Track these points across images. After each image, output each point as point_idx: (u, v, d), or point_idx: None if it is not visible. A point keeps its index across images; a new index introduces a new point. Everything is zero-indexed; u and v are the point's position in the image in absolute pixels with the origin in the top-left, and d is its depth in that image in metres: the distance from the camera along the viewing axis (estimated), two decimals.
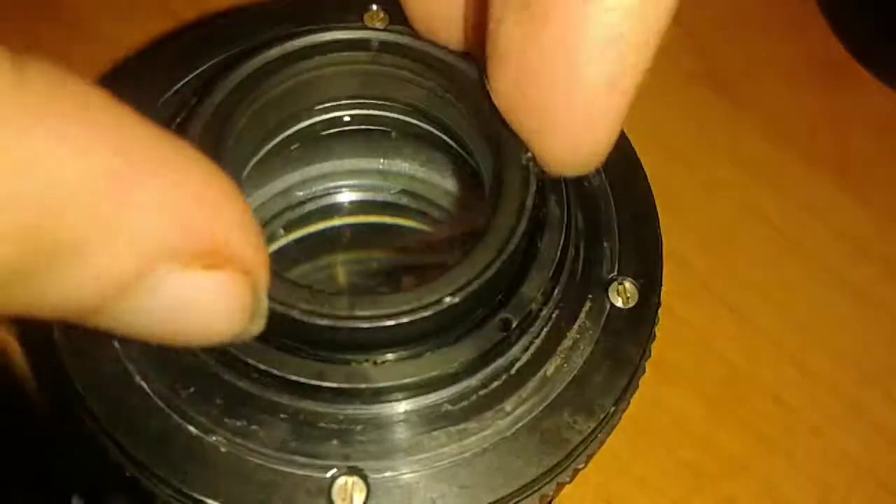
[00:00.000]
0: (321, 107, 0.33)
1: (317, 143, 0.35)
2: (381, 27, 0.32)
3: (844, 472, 0.45)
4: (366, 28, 0.32)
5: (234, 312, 0.21)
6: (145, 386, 0.28)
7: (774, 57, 0.58)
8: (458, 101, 0.30)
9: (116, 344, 0.29)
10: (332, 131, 0.34)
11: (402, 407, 0.28)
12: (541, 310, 0.29)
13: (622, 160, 0.34)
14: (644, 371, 0.31)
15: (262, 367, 0.27)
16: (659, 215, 0.33)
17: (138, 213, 0.18)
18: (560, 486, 0.29)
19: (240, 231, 0.20)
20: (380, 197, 0.38)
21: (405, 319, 0.26)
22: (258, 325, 0.23)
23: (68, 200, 0.17)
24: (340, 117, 0.34)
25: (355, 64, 0.31)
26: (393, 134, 0.35)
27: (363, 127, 0.34)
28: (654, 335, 0.31)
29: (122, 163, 0.18)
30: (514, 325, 0.28)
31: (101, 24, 0.53)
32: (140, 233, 0.18)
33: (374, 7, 0.35)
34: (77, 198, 0.17)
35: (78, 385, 0.28)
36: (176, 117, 0.31)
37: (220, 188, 0.20)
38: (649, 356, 0.31)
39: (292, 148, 0.34)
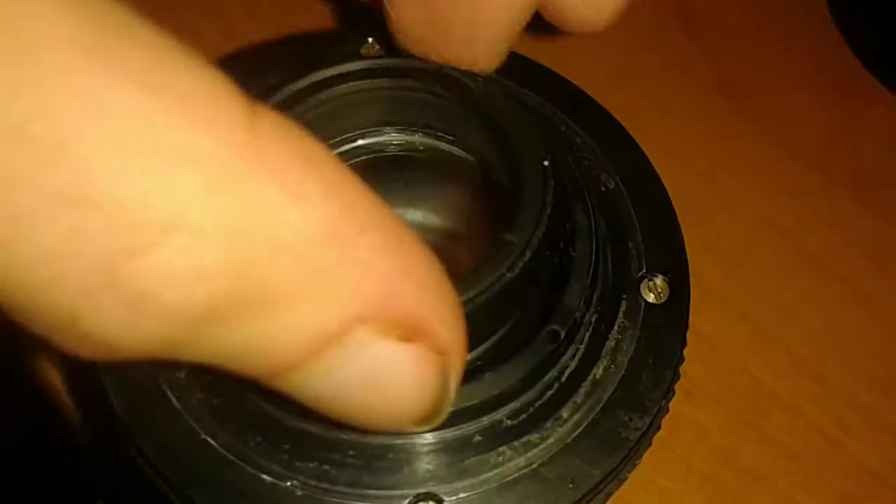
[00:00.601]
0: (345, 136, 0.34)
1: None
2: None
3: (863, 482, 0.45)
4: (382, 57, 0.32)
5: (422, 392, 0.21)
6: (212, 441, 0.28)
7: (788, 69, 0.59)
8: (473, 115, 0.31)
9: (176, 403, 0.29)
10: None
11: (466, 429, 0.29)
12: (584, 316, 0.30)
13: (633, 163, 0.35)
14: (683, 360, 0.32)
15: None
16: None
17: (350, 271, 0.18)
18: (621, 482, 0.30)
19: (441, 310, 0.20)
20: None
21: None
22: (439, 418, 0.23)
23: (286, 246, 0.17)
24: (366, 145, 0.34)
25: (376, 91, 0.32)
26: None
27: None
28: (688, 326, 0.32)
29: (341, 218, 0.18)
30: (562, 335, 0.29)
31: None
32: (348, 291, 0.18)
33: (370, 40, 0.36)
34: (294, 245, 0.17)
35: (147, 450, 0.28)
36: None
37: (429, 264, 0.20)
38: (685, 346, 0.32)
39: None
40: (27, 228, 0.15)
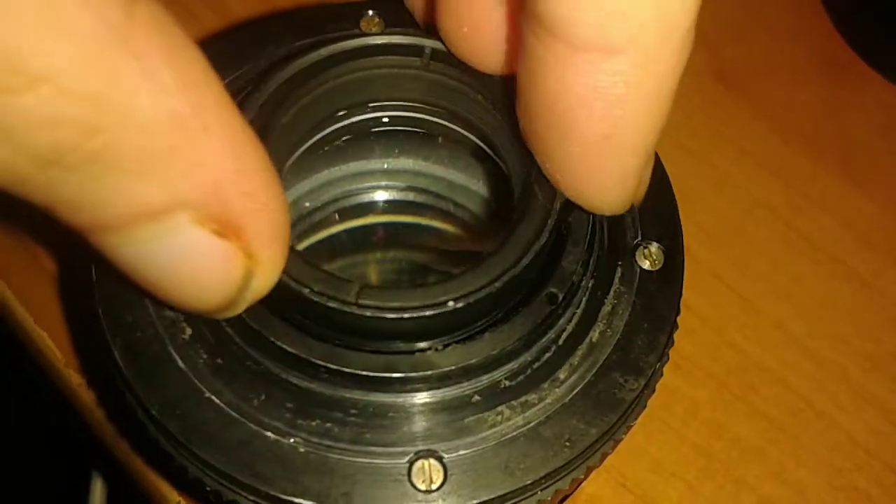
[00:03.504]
0: (369, 106, 0.34)
1: (360, 141, 0.36)
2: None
3: (852, 454, 0.47)
4: (416, 35, 0.33)
5: (223, 284, 0.23)
6: (217, 400, 0.29)
7: (781, 54, 0.60)
8: (496, 111, 0.32)
9: (181, 364, 0.29)
10: (375, 130, 0.35)
11: (465, 388, 0.29)
12: (581, 280, 0.31)
13: None
14: (678, 327, 0.33)
15: (332, 366, 0.28)
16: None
17: (185, 161, 0.20)
18: (616, 442, 0.31)
19: (261, 223, 0.22)
20: (412, 197, 0.40)
21: (461, 304, 0.28)
22: (232, 313, 0.25)
23: (134, 123, 0.19)
24: (381, 118, 0.35)
25: (405, 69, 0.33)
26: (439, 139, 0.36)
27: (404, 128, 0.35)
28: (682, 292, 0.33)
29: (189, 113, 0.20)
30: (560, 298, 0.30)
31: None
32: (179, 178, 0.20)
33: (370, 13, 0.37)
34: (141, 125, 0.19)
35: (152, 408, 0.29)
36: None
37: (264, 182, 0.22)
38: (679, 313, 0.33)
39: (336, 143, 0.35)
40: None
